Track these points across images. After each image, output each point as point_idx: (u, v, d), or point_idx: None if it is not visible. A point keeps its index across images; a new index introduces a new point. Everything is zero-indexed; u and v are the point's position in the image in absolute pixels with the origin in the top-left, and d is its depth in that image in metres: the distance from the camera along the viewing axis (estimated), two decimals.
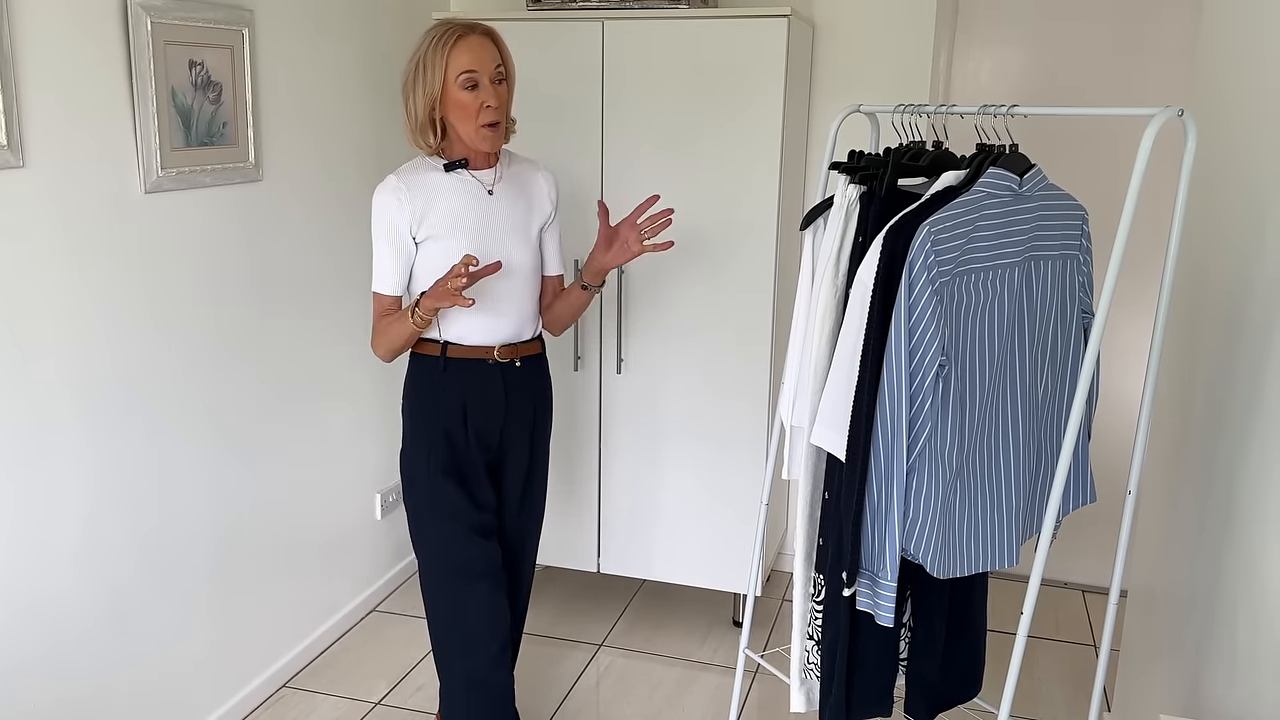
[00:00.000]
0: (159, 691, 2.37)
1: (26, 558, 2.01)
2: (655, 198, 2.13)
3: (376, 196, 2.07)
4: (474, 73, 2.00)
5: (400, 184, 2.07)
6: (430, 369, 2.14)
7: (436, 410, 2.14)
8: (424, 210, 2.07)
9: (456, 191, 2.10)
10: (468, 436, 2.16)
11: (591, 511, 3.10)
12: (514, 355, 2.18)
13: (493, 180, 2.14)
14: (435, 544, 2.16)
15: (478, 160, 2.13)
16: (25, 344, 1.96)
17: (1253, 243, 1.67)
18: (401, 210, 2.06)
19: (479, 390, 2.15)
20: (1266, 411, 1.51)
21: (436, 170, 2.10)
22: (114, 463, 2.19)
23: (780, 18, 2.65)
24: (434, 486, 2.14)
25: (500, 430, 2.20)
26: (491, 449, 2.21)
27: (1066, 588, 3.45)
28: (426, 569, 2.19)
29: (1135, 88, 3.07)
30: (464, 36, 2.01)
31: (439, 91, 2.01)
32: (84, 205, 2.07)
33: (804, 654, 2.00)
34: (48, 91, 1.96)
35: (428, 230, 2.07)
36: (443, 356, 2.13)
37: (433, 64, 2.00)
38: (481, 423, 2.17)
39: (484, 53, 2.01)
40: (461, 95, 2.01)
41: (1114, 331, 3.22)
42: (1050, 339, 1.81)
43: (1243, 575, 1.54)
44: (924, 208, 1.70)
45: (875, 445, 1.69)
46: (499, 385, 2.17)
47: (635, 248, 2.15)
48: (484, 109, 2.02)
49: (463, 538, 2.14)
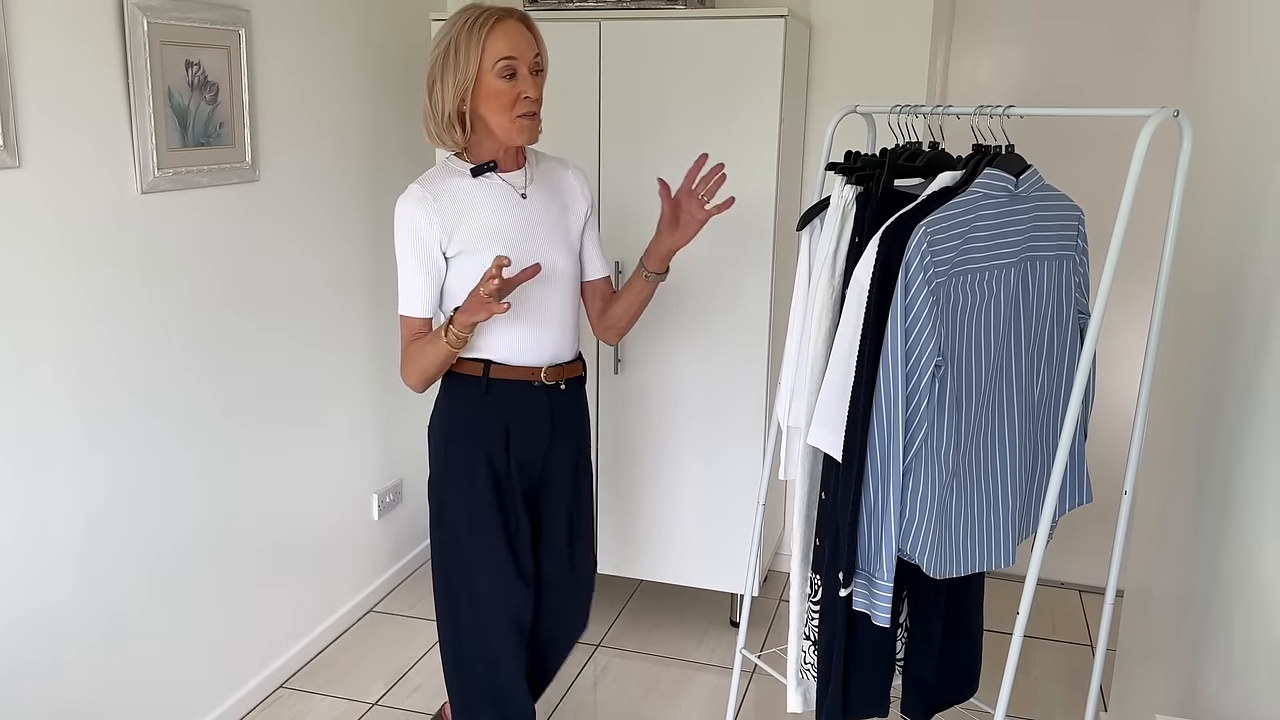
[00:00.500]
0: (157, 692, 2.37)
1: (25, 560, 2.01)
2: (704, 156, 1.95)
3: (401, 209, 1.88)
4: (513, 60, 1.82)
5: (426, 194, 1.87)
6: (470, 390, 1.95)
7: (478, 436, 1.95)
8: (455, 222, 1.88)
9: (488, 199, 1.91)
10: (509, 464, 1.98)
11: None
12: (560, 377, 2.01)
13: (524, 183, 1.96)
14: (473, 585, 1.98)
15: (505, 161, 1.94)
16: (21, 345, 1.96)
17: (1248, 243, 1.67)
18: (430, 224, 1.86)
19: (524, 414, 1.97)
20: (1262, 411, 1.52)
21: (463, 175, 1.91)
22: (112, 464, 2.19)
23: (777, 18, 2.65)
24: (476, 524, 1.96)
25: (543, 458, 2.03)
26: (532, 478, 2.03)
27: (1063, 587, 3.46)
28: (453, 608, 2.01)
29: (1131, 88, 3.08)
30: (502, 20, 1.82)
31: (473, 81, 1.82)
32: (80, 206, 2.06)
33: (801, 654, 2.01)
34: (44, 91, 1.96)
35: (460, 244, 1.88)
36: (485, 377, 1.94)
37: (466, 50, 1.81)
38: (524, 451, 1.99)
39: (522, 39, 1.83)
40: (498, 84, 1.82)
41: (1110, 332, 3.22)
42: (1046, 339, 1.81)
43: (1239, 575, 1.54)
44: (920, 208, 1.70)
45: (871, 445, 1.70)
46: (545, 410, 1.99)
47: (700, 215, 1.94)
48: (521, 99, 1.84)
49: (510, 583, 1.97)
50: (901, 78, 3.06)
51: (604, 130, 2.85)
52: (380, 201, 3.10)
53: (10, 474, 1.96)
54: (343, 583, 3.09)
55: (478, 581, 1.99)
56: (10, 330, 1.94)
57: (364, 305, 3.05)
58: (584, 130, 2.86)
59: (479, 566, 1.98)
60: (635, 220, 2.87)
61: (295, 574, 2.84)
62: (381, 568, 3.31)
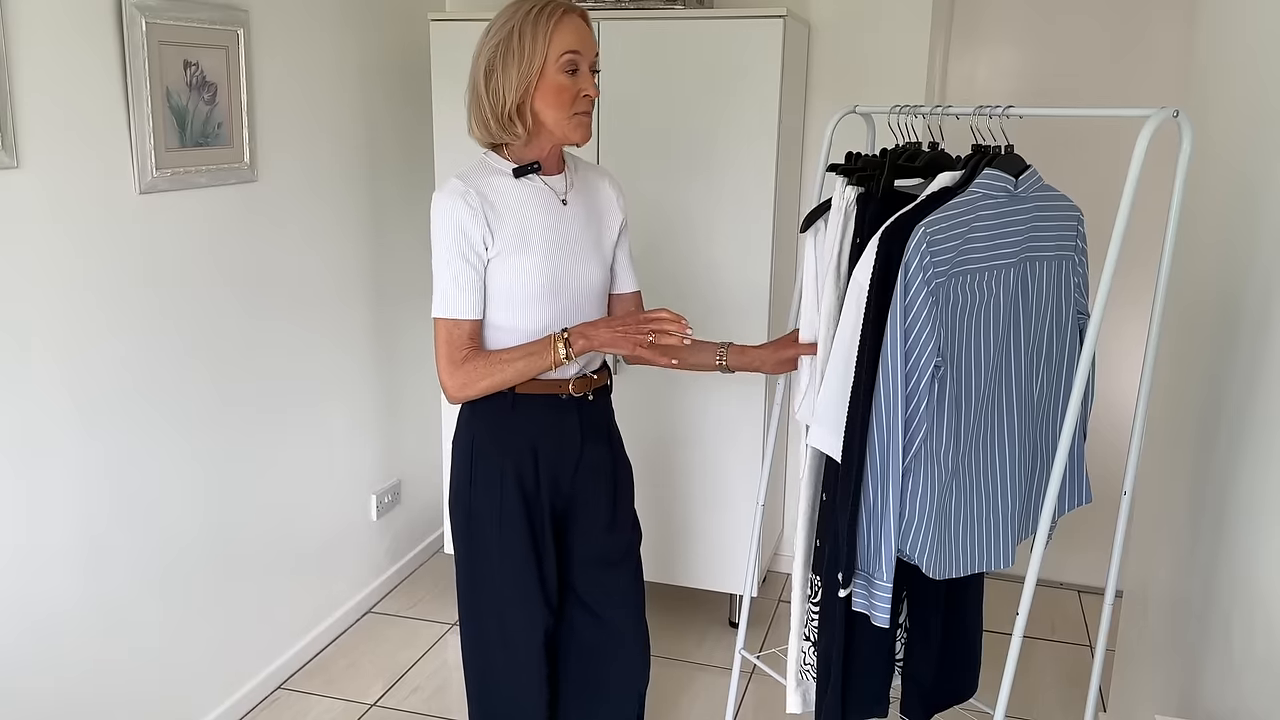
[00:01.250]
0: (155, 692, 2.37)
1: (23, 559, 2.00)
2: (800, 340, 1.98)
3: (441, 203, 1.76)
4: (577, 54, 1.75)
5: (469, 189, 1.77)
6: (497, 407, 1.85)
7: (506, 453, 1.86)
8: (497, 220, 1.78)
9: (529, 200, 1.82)
10: (539, 482, 1.88)
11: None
12: (587, 388, 1.91)
13: (565, 188, 1.88)
14: (496, 606, 1.91)
15: (548, 164, 1.86)
16: (20, 345, 1.96)
17: (1247, 243, 1.67)
18: (476, 219, 1.76)
19: (552, 430, 1.88)
20: (1261, 412, 1.52)
21: (504, 175, 1.82)
22: (109, 464, 2.19)
23: (776, 18, 2.65)
24: (506, 544, 1.87)
25: (573, 476, 1.92)
26: (563, 494, 1.93)
27: (1062, 588, 3.46)
28: (476, 630, 1.94)
29: (1131, 88, 3.08)
30: (569, 13, 1.75)
31: (537, 73, 1.74)
32: (78, 206, 2.06)
33: (801, 655, 2.00)
34: (42, 92, 1.96)
35: (499, 244, 1.78)
36: (511, 393, 1.83)
37: (533, 40, 1.73)
38: (555, 467, 1.90)
39: (587, 37, 1.77)
40: (560, 79, 1.74)
41: (1110, 332, 3.22)
42: (1046, 340, 1.81)
43: (1238, 575, 1.54)
44: (920, 209, 1.70)
45: (871, 446, 1.69)
46: (574, 423, 1.90)
47: (783, 365, 1.99)
48: (581, 97, 1.77)
49: (534, 606, 1.90)
50: (900, 78, 3.06)
51: (603, 129, 2.84)
52: (379, 201, 3.10)
53: (10, 473, 1.96)
54: (341, 583, 3.09)
55: (504, 595, 1.91)
56: (9, 329, 1.93)
57: (363, 305, 3.05)
58: None
59: (506, 580, 1.90)
60: (634, 221, 2.87)
61: (294, 574, 2.84)
62: (380, 568, 3.30)
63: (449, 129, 2.99)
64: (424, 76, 3.29)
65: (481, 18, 2.89)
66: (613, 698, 2.02)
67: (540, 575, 1.90)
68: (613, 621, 1.99)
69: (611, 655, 2.01)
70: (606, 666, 2.01)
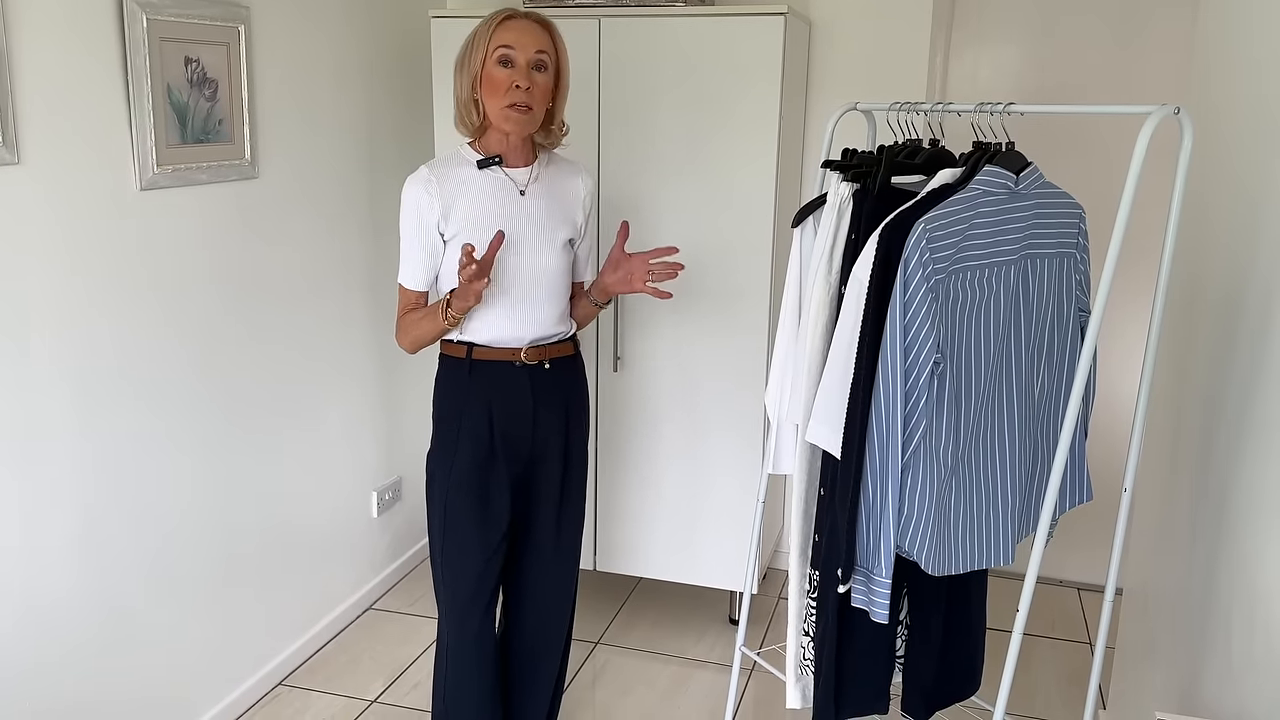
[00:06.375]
0: (155, 689, 2.37)
1: (23, 555, 2.01)
2: (674, 249, 2.08)
3: (406, 188, 2.03)
4: (509, 49, 1.95)
5: (431, 176, 2.02)
6: (456, 371, 2.08)
7: (462, 415, 2.07)
8: (451, 205, 2.02)
9: (486, 190, 2.04)
10: (493, 444, 2.08)
11: (588, 509, 3.09)
12: (543, 357, 2.10)
13: (527, 180, 2.07)
14: (443, 556, 2.12)
15: (514, 158, 2.06)
16: (19, 341, 1.96)
17: (1248, 240, 1.67)
18: (431, 204, 2.01)
19: (506, 394, 2.07)
20: (1262, 409, 1.52)
21: (469, 165, 2.05)
22: (110, 460, 2.19)
23: (777, 15, 2.64)
24: (450, 503, 2.08)
25: (530, 437, 2.11)
26: (521, 459, 2.13)
27: (1062, 585, 3.46)
28: (436, 573, 2.17)
29: (1132, 86, 3.08)
30: (512, 18, 1.98)
31: (480, 68, 1.98)
32: (79, 202, 2.06)
33: (799, 650, 2.00)
34: (43, 88, 1.96)
35: (454, 227, 2.02)
36: (468, 359, 2.06)
37: (479, 42, 1.98)
38: (509, 429, 2.09)
39: (526, 35, 1.97)
40: (495, 71, 1.96)
41: (1110, 329, 3.22)
42: (1046, 336, 1.81)
43: (1238, 573, 1.54)
44: (920, 205, 1.70)
45: (870, 442, 1.69)
46: (526, 389, 2.08)
47: (638, 284, 2.09)
48: (513, 88, 1.96)
49: (471, 559, 2.10)
50: (901, 75, 3.06)
51: (603, 127, 2.84)
52: (379, 198, 3.10)
53: (9, 471, 1.96)
54: (342, 580, 3.09)
55: (448, 552, 2.11)
56: (8, 326, 1.93)
57: (363, 302, 3.05)
58: (583, 127, 2.86)
59: (446, 543, 2.11)
60: (634, 218, 2.87)
61: (294, 571, 2.84)
62: (380, 565, 3.30)
63: (450, 125, 2.99)
64: (425, 73, 3.29)
65: (481, 14, 2.89)
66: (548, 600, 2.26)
67: (482, 534, 2.08)
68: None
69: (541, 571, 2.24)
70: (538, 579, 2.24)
